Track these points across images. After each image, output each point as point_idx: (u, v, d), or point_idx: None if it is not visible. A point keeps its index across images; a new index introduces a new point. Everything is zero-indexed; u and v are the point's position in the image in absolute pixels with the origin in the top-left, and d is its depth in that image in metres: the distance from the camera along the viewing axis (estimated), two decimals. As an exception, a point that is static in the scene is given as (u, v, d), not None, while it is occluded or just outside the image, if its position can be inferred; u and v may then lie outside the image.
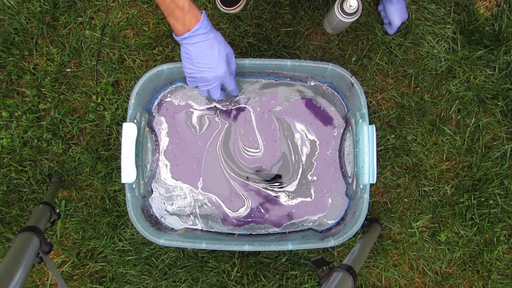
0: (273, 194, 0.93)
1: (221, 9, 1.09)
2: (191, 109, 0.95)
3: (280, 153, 0.94)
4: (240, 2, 1.08)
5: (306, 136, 0.94)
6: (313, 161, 0.94)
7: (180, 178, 0.94)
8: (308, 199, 0.94)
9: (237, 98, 0.95)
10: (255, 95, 0.95)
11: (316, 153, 0.94)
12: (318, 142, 0.94)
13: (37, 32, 1.13)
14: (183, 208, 0.94)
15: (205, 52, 0.72)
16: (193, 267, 1.10)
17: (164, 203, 0.94)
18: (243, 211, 0.94)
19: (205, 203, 0.94)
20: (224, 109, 0.95)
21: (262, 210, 0.94)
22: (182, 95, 0.95)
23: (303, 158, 0.94)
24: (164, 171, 0.94)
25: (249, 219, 0.94)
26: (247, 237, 0.94)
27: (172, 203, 0.94)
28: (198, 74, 0.76)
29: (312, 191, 0.94)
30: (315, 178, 0.94)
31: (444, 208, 1.12)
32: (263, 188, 0.93)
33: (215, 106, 0.95)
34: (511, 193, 1.12)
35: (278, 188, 0.94)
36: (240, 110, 0.95)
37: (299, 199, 0.94)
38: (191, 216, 0.94)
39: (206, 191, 0.94)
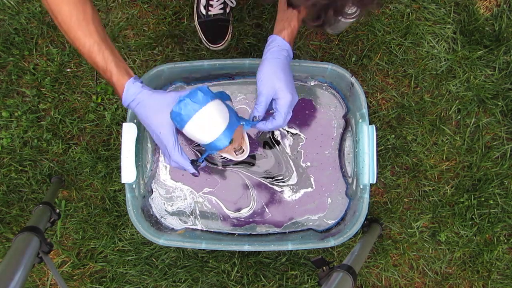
0: (278, 189, 0.93)
1: (208, 47, 1.10)
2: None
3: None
4: (225, 39, 1.09)
5: (288, 132, 0.94)
6: (299, 149, 0.94)
7: (180, 179, 0.94)
8: (309, 189, 0.94)
9: (237, 99, 0.95)
10: (255, 96, 0.95)
11: (300, 144, 0.94)
12: (302, 135, 0.94)
13: (37, 32, 1.13)
14: (183, 209, 0.94)
15: (141, 117, 0.69)
16: (193, 267, 1.10)
17: (164, 204, 0.94)
18: (246, 212, 0.94)
19: (205, 205, 0.94)
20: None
21: (266, 210, 0.94)
22: (182, 95, 0.95)
23: (288, 150, 0.94)
24: (163, 172, 0.94)
25: (251, 219, 0.94)
26: (247, 237, 0.94)
27: (172, 204, 0.94)
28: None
29: (312, 180, 0.94)
30: (308, 164, 0.94)
31: (444, 208, 1.12)
32: (269, 183, 0.93)
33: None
34: (511, 193, 1.12)
35: (282, 183, 0.94)
36: (240, 111, 0.95)
37: (302, 191, 0.94)
38: (191, 216, 0.94)
39: (208, 193, 0.94)
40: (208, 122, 0.67)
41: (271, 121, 0.72)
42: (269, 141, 0.94)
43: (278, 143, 0.94)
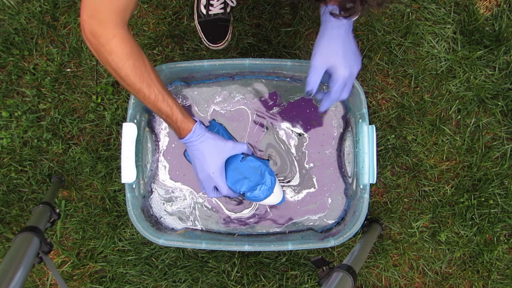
0: None
1: (208, 46, 1.10)
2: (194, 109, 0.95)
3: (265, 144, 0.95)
4: (226, 39, 1.09)
5: (292, 131, 0.94)
6: (303, 150, 0.94)
7: (180, 179, 0.94)
8: (312, 189, 0.94)
9: (236, 99, 0.94)
10: (253, 96, 0.95)
11: (305, 144, 0.94)
12: (306, 135, 0.94)
13: (37, 32, 1.13)
14: (183, 209, 0.94)
15: (196, 154, 0.81)
16: (193, 267, 1.10)
17: (164, 204, 0.94)
18: (247, 212, 0.94)
19: (205, 205, 0.94)
20: (223, 111, 0.94)
21: (268, 210, 0.94)
22: (183, 95, 0.95)
23: (293, 151, 0.94)
24: (163, 172, 0.94)
25: (251, 220, 0.94)
26: (247, 237, 0.93)
27: (172, 204, 0.94)
28: (194, 171, 0.84)
29: (314, 180, 0.94)
30: (312, 165, 0.94)
31: (444, 208, 1.12)
32: None
33: (214, 109, 0.95)
34: (511, 193, 1.12)
35: (285, 183, 0.94)
36: (239, 112, 0.94)
37: (305, 192, 0.94)
38: (190, 217, 0.94)
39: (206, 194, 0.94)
40: (276, 194, 0.87)
41: (327, 96, 0.73)
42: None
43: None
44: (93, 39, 0.64)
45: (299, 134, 0.94)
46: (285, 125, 0.94)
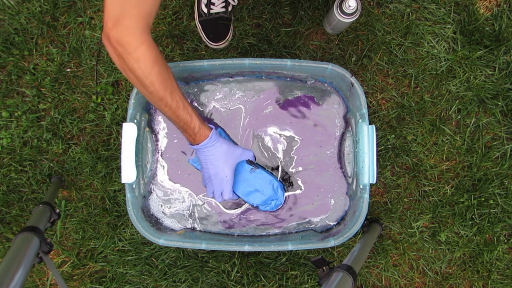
0: None
1: (209, 45, 1.09)
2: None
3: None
4: (227, 38, 1.08)
5: (280, 135, 0.94)
6: (292, 155, 0.94)
7: (179, 181, 0.94)
8: (298, 191, 0.94)
9: (236, 96, 0.95)
10: (254, 94, 0.95)
11: (294, 148, 0.94)
12: (297, 137, 0.94)
13: (37, 32, 1.13)
14: (181, 212, 0.94)
15: (210, 158, 0.83)
16: (193, 267, 1.10)
17: (162, 206, 0.94)
18: (246, 206, 0.94)
19: (204, 207, 0.94)
20: (222, 109, 0.94)
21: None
22: (183, 92, 0.95)
23: (280, 155, 0.94)
24: (161, 173, 0.94)
25: (252, 217, 0.94)
26: (247, 237, 0.93)
27: (170, 206, 0.94)
28: (206, 175, 0.87)
29: (299, 182, 0.94)
30: (300, 168, 0.94)
31: (444, 208, 1.12)
32: None
33: (214, 106, 0.95)
34: (511, 193, 1.12)
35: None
36: (236, 112, 0.94)
37: (289, 192, 0.94)
38: (189, 219, 0.94)
39: (206, 196, 0.94)
40: None
41: None
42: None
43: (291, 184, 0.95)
44: (119, 47, 0.61)
45: (288, 137, 0.94)
46: (273, 129, 0.94)
